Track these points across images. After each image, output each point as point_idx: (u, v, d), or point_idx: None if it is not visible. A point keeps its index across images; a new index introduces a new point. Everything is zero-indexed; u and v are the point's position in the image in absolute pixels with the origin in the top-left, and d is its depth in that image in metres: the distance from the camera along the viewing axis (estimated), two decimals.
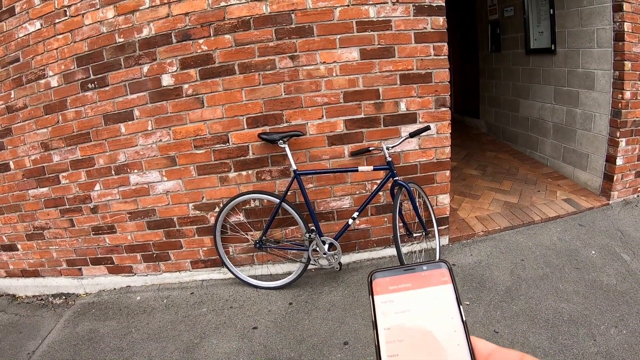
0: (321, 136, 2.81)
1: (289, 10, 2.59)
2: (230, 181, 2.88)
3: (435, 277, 0.37)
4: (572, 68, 3.79)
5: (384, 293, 0.36)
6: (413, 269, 0.37)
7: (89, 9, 2.62)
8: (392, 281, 0.37)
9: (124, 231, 3.05)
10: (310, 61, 2.67)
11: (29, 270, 3.31)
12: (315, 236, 2.71)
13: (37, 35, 2.74)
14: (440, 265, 0.38)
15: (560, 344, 2.20)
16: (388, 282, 0.37)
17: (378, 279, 0.37)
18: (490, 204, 3.76)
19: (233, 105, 2.73)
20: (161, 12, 2.59)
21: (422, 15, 2.66)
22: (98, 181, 2.94)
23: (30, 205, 3.10)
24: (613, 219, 3.38)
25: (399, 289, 0.36)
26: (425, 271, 0.37)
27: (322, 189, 2.94)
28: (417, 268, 0.37)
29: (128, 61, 2.68)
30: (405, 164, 2.93)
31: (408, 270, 0.37)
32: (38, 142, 2.92)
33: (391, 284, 0.37)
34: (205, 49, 2.63)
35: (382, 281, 0.37)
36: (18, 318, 3.07)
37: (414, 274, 0.37)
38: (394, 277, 0.37)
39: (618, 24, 3.19)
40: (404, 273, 0.37)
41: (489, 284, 2.75)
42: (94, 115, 2.79)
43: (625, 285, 2.59)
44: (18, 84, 2.86)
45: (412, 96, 2.79)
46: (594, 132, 3.66)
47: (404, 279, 0.37)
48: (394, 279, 0.37)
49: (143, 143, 2.82)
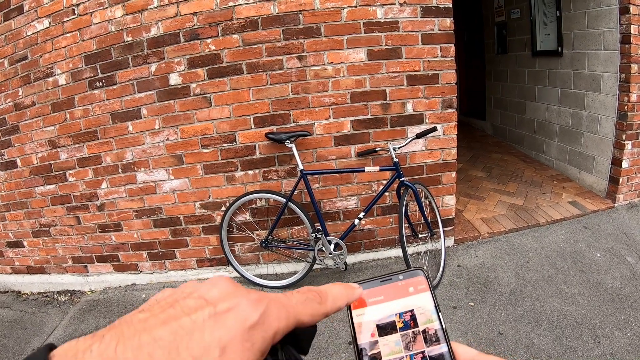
0: (328, 136, 2.82)
1: (296, 10, 2.59)
2: (236, 180, 2.89)
3: (412, 285, 0.36)
4: (578, 70, 3.79)
5: (361, 306, 0.36)
6: (390, 279, 0.37)
7: (97, 7, 2.64)
8: (369, 294, 0.36)
9: (130, 229, 3.07)
10: (318, 62, 2.68)
11: (35, 267, 3.33)
12: (321, 236, 2.71)
13: (45, 34, 2.75)
14: (416, 273, 0.37)
15: (564, 346, 2.20)
16: (365, 294, 0.36)
17: None
18: (496, 206, 3.76)
19: (240, 105, 2.74)
20: (169, 11, 2.60)
21: (429, 16, 2.67)
22: (105, 179, 2.95)
23: (37, 202, 3.12)
24: (618, 222, 3.37)
25: (377, 301, 0.36)
26: (402, 280, 0.37)
27: (329, 189, 2.94)
28: (394, 278, 0.37)
29: (136, 60, 2.69)
30: (411, 164, 2.93)
31: (385, 281, 0.37)
32: (45, 139, 2.94)
33: (368, 297, 0.36)
34: (213, 49, 2.64)
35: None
36: (23, 314, 3.09)
37: (391, 284, 0.37)
38: (370, 289, 0.36)
39: (624, 27, 3.19)
40: (381, 284, 0.37)
41: (494, 286, 2.75)
42: (101, 113, 2.81)
43: (630, 288, 2.59)
44: (26, 82, 2.87)
45: (418, 97, 2.80)
46: (599, 135, 3.65)
47: (381, 290, 0.36)
48: (371, 292, 0.36)
49: (150, 142, 2.83)
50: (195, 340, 0.24)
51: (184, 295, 0.27)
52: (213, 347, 0.24)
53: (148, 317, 0.25)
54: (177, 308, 0.26)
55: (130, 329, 0.24)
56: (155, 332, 0.24)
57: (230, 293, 0.27)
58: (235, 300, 0.26)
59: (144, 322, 0.25)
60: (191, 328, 0.24)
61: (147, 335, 0.24)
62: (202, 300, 0.26)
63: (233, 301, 0.26)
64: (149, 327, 0.25)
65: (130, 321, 0.25)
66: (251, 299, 0.27)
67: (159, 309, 0.26)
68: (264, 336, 0.26)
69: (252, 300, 0.27)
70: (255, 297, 0.27)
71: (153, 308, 0.27)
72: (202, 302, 0.26)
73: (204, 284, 0.29)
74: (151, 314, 0.26)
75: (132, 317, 0.26)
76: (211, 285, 0.28)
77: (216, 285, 0.28)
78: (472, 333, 2.38)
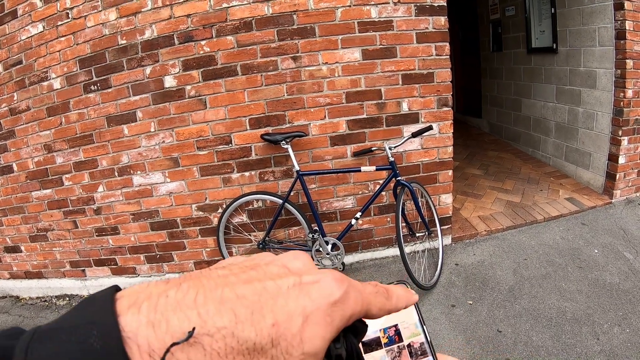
0: (324, 137, 2.82)
1: (290, 11, 2.59)
2: (233, 182, 2.89)
3: None
4: (573, 67, 3.79)
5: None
6: None
7: (91, 11, 2.63)
8: None
9: (128, 232, 3.06)
10: (313, 62, 2.68)
11: (33, 271, 3.33)
12: (318, 236, 2.71)
13: (39, 38, 2.75)
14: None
15: (563, 343, 2.20)
16: None
17: None
18: (493, 204, 3.76)
19: (236, 107, 2.73)
20: (163, 13, 2.59)
21: (423, 15, 2.67)
22: (101, 183, 2.94)
23: (34, 207, 3.11)
24: (616, 218, 3.37)
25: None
26: None
27: (325, 189, 2.94)
28: None
29: (131, 63, 2.68)
30: (407, 163, 2.93)
31: None
32: (41, 144, 2.93)
33: None
34: (208, 51, 2.64)
35: None
36: (22, 319, 3.08)
37: None
38: None
39: (619, 23, 3.19)
40: None
41: (492, 284, 2.75)
42: (96, 117, 2.80)
43: (628, 284, 2.59)
44: (21, 86, 2.87)
45: (414, 96, 2.80)
46: (596, 131, 3.66)
47: None
48: None
49: (146, 144, 2.82)
50: (279, 305, 0.24)
51: (265, 262, 0.27)
52: (297, 315, 0.24)
53: (228, 274, 0.25)
54: (260, 271, 0.26)
55: (210, 282, 0.24)
56: (238, 288, 0.24)
57: (313, 268, 0.27)
58: (320, 275, 0.26)
59: (225, 278, 0.25)
60: (276, 292, 0.24)
61: (230, 290, 0.23)
62: (286, 269, 0.26)
63: (318, 275, 0.26)
64: (232, 283, 0.24)
65: (210, 275, 0.25)
66: (335, 276, 0.26)
67: (239, 269, 0.26)
68: (342, 315, 0.25)
69: (336, 278, 0.26)
70: (339, 276, 0.27)
71: (232, 267, 0.26)
72: (285, 270, 0.26)
73: (285, 255, 0.29)
74: (231, 272, 0.25)
75: (210, 271, 0.26)
76: (293, 257, 0.28)
77: (298, 258, 0.28)
78: (471, 331, 2.37)
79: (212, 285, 0.24)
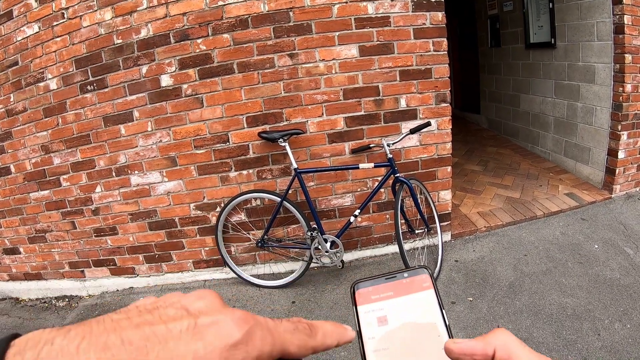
0: (321, 134, 2.80)
1: (287, 8, 2.58)
2: (231, 181, 2.88)
3: (416, 283, 0.37)
4: (572, 62, 3.78)
5: (367, 303, 0.37)
6: (394, 277, 0.38)
7: (86, 10, 2.62)
8: (374, 290, 0.37)
9: (126, 232, 3.05)
10: (309, 59, 2.66)
11: (32, 273, 3.32)
12: (317, 234, 2.70)
13: (35, 38, 2.73)
14: (421, 271, 0.38)
15: (564, 339, 2.19)
16: (370, 291, 0.37)
17: (361, 289, 0.38)
18: (492, 200, 3.75)
19: (232, 105, 2.72)
20: (159, 12, 2.58)
21: (420, 10, 2.65)
22: (99, 183, 2.93)
23: (32, 208, 3.10)
24: (616, 213, 3.36)
25: (382, 297, 0.37)
26: (407, 278, 0.38)
27: (323, 187, 2.93)
28: (399, 275, 0.38)
29: (127, 62, 2.67)
30: (406, 160, 2.92)
31: (390, 278, 0.38)
32: (38, 145, 2.92)
33: (374, 294, 0.37)
34: (204, 49, 2.62)
35: (365, 291, 0.37)
36: (22, 321, 3.08)
37: (396, 282, 0.37)
38: (376, 286, 0.37)
39: (618, 17, 3.17)
40: (386, 282, 0.38)
41: (492, 280, 2.75)
42: (93, 117, 2.79)
43: (629, 279, 2.58)
44: (17, 87, 2.85)
45: (412, 92, 2.78)
46: (595, 126, 3.64)
47: (386, 287, 0.37)
48: (376, 288, 0.37)
49: (143, 144, 2.81)
50: (169, 350, 0.23)
51: (166, 304, 0.27)
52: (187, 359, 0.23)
53: (122, 318, 0.24)
54: (155, 314, 0.25)
55: (99, 327, 0.23)
56: (125, 333, 0.23)
57: (215, 308, 0.26)
58: (219, 316, 0.26)
59: (116, 323, 0.24)
60: (166, 336, 0.23)
61: (116, 336, 0.23)
62: (184, 311, 0.26)
63: (216, 317, 0.25)
64: (120, 328, 0.23)
65: (102, 320, 0.24)
66: (235, 316, 0.26)
67: (136, 313, 0.25)
68: (245, 357, 0.25)
69: (236, 319, 0.26)
70: (240, 316, 0.26)
71: (130, 311, 0.26)
72: (183, 312, 0.26)
73: (189, 295, 0.28)
74: (126, 316, 0.25)
75: (105, 317, 0.25)
76: (196, 297, 0.27)
77: (202, 298, 0.27)
78: (471, 328, 2.37)
79: (99, 331, 0.23)
